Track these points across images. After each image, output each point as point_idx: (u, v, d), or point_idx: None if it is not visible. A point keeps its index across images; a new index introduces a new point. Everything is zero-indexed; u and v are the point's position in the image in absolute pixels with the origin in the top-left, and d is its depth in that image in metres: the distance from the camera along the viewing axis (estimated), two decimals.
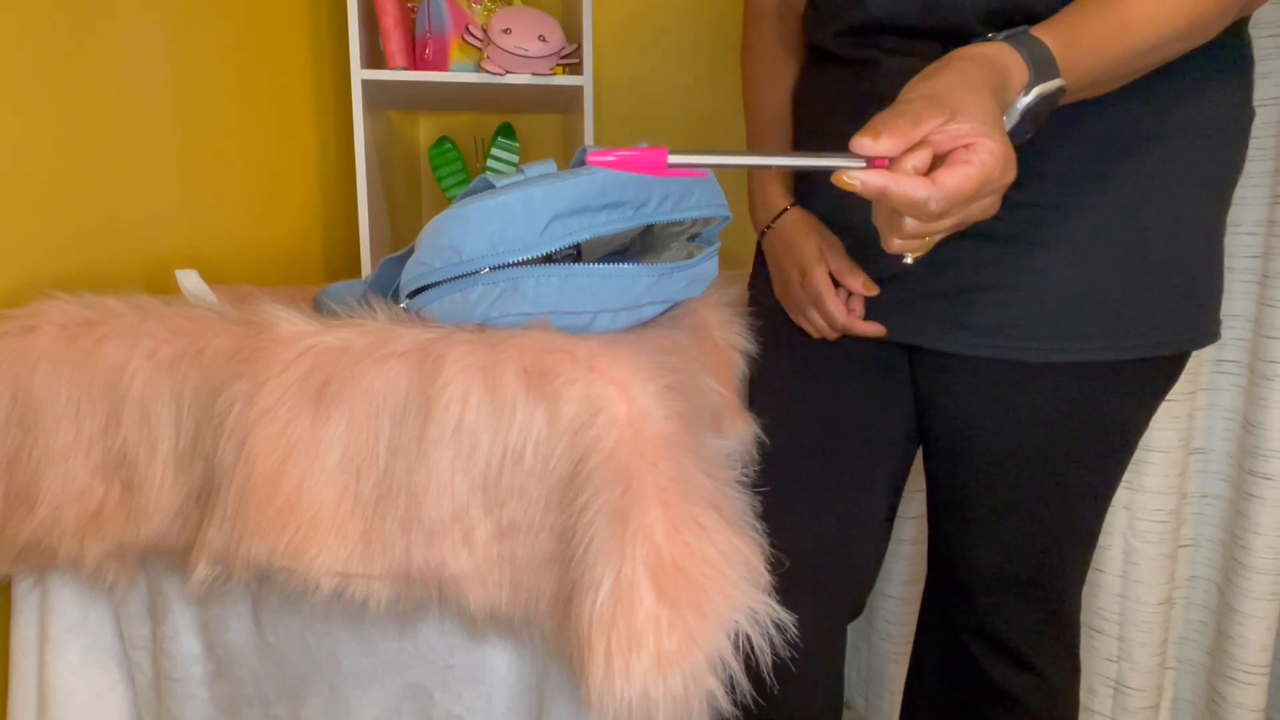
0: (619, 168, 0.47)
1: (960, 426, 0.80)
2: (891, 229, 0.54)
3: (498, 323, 0.63)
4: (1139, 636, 1.22)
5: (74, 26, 0.85)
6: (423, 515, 0.58)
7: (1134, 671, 1.23)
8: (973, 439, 0.79)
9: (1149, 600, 1.21)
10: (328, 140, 1.41)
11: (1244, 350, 1.17)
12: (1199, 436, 1.21)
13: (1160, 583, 1.21)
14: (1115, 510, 1.20)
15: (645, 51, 1.70)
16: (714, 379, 0.76)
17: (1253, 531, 1.15)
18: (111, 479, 0.66)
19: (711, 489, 0.58)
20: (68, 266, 0.84)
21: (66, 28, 0.84)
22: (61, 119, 0.83)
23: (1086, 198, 0.69)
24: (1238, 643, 1.18)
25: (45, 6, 0.80)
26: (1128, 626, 1.23)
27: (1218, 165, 0.71)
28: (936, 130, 0.50)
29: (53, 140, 0.82)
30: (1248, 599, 1.16)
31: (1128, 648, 1.23)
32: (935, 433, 0.84)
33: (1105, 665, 1.26)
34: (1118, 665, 1.24)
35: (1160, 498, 1.18)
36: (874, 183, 0.49)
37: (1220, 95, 0.70)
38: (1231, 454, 1.20)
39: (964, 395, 0.78)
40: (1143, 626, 1.22)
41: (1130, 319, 0.71)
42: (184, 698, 0.72)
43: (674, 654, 0.52)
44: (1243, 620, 1.17)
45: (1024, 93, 0.56)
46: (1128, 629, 1.23)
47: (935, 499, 0.88)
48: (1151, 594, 1.21)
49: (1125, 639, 1.23)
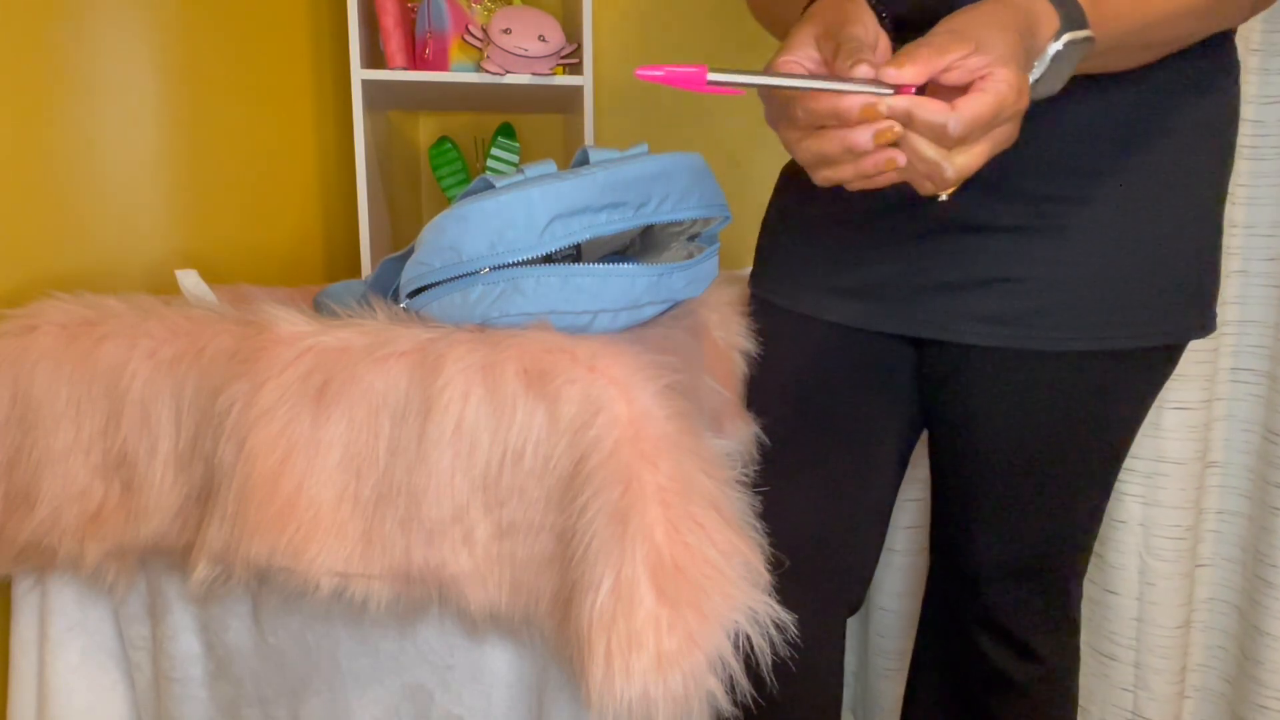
0: (663, 81, 0.51)
1: (970, 416, 0.80)
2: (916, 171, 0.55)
3: (498, 323, 0.63)
4: (1156, 663, 1.14)
5: (74, 26, 0.85)
6: (423, 515, 0.58)
7: (1151, 700, 1.15)
8: (983, 429, 0.80)
9: (1166, 624, 1.13)
10: (328, 140, 1.41)
11: (1264, 358, 1.11)
12: (1216, 449, 1.15)
13: (1178, 605, 1.14)
14: (1130, 528, 1.15)
15: (645, 51, 1.70)
16: (714, 379, 0.76)
17: (1278, 548, 1.08)
18: (111, 479, 0.66)
19: (711, 489, 0.58)
20: (68, 266, 0.84)
21: (66, 27, 0.84)
22: (61, 119, 0.83)
23: (1104, 190, 0.70)
24: (1266, 668, 1.10)
25: (45, 6, 0.80)
26: (1144, 653, 1.15)
27: (1221, 160, 0.74)
28: (956, 63, 0.53)
29: (53, 140, 0.82)
30: (1275, 620, 1.09)
31: (1144, 675, 1.15)
32: (943, 423, 0.84)
33: (1120, 695, 1.17)
34: (1134, 695, 1.17)
35: (1177, 513, 1.12)
36: (900, 106, 0.52)
37: (1221, 94, 0.72)
38: (1250, 467, 1.14)
39: (975, 385, 0.78)
40: (1159, 652, 1.14)
41: (1145, 307, 0.72)
42: (184, 698, 0.72)
43: (674, 654, 0.52)
44: (1270, 643, 1.10)
45: (1054, 39, 0.58)
46: (1144, 655, 1.15)
47: (941, 490, 0.88)
48: (1168, 617, 1.13)
49: (1141, 665, 1.16)
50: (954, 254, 0.74)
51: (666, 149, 1.77)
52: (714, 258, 0.74)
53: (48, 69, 0.81)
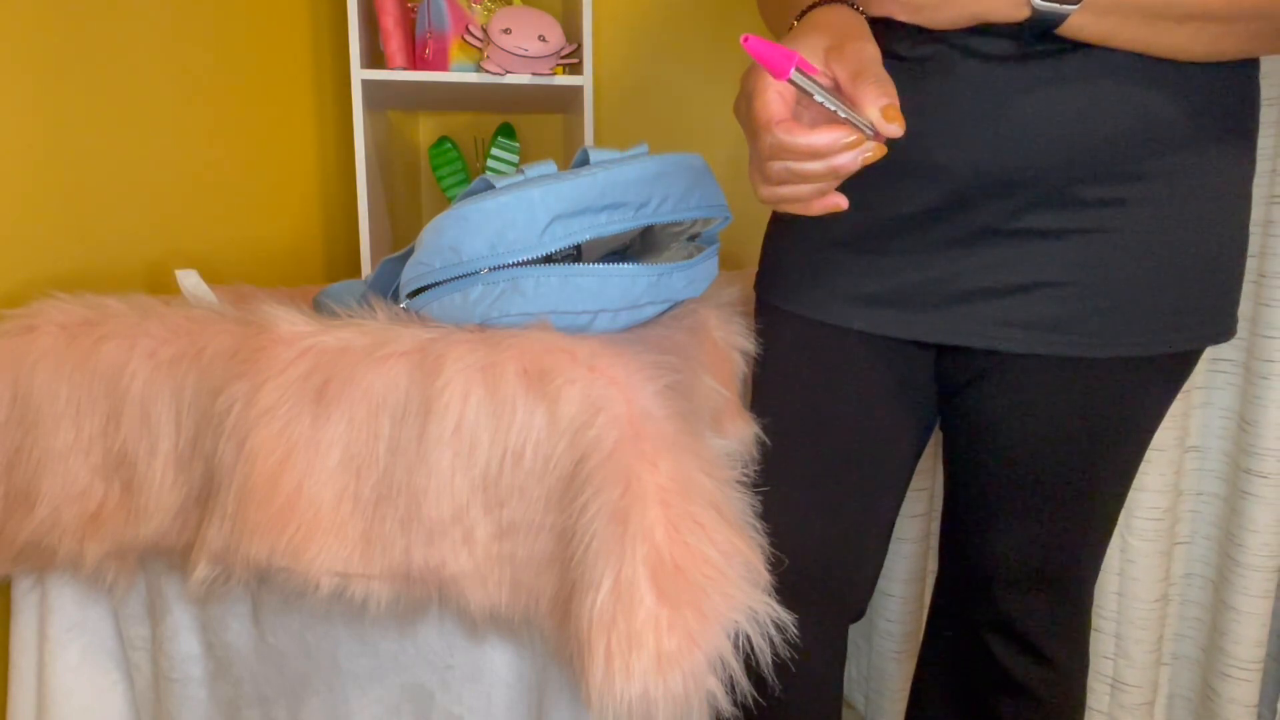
0: (754, 54, 0.53)
1: (992, 422, 0.80)
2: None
3: (498, 323, 0.63)
4: (1135, 633, 1.24)
5: (74, 27, 0.85)
6: (423, 515, 0.58)
7: (1130, 668, 1.25)
8: (1004, 435, 0.79)
9: (1145, 598, 1.23)
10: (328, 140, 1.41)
11: (1240, 349, 1.18)
12: (1195, 434, 1.23)
13: (1156, 580, 1.23)
14: None
15: (645, 51, 1.71)
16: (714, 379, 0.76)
17: (1248, 529, 1.16)
18: (111, 479, 0.66)
19: (711, 489, 0.58)
20: (68, 266, 0.84)
21: (66, 28, 0.84)
22: (62, 119, 0.83)
23: (1142, 194, 0.70)
24: (1232, 639, 1.20)
25: (45, 6, 0.80)
26: (1124, 624, 1.24)
27: (1250, 164, 0.74)
28: None
29: (53, 140, 0.82)
30: (1242, 595, 1.18)
31: (1124, 644, 1.25)
32: (962, 429, 0.83)
33: (1102, 662, 1.27)
34: (1114, 662, 1.26)
35: (1157, 495, 1.20)
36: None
37: (1252, 101, 0.72)
38: (1227, 452, 1.22)
39: (999, 391, 0.78)
40: (1139, 623, 1.23)
41: (1183, 313, 0.72)
42: (183, 698, 0.72)
43: (674, 654, 0.52)
44: (1237, 617, 1.19)
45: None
46: (1124, 626, 1.25)
47: (958, 493, 0.88)
48: (1148, 591, 1.23)
49: (1122, 636, 1.25)
50: (989, 260, 0.73)
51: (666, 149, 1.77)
52: (714, 258, 0.74)
53: (48, 70, 0.81)
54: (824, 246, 0.80)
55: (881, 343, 0.80)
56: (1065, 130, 0.67)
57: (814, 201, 0.59)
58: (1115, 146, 0.68)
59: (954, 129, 0.69)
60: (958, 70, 0.70)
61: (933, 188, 0.72)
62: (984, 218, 0.72)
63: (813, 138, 0.55)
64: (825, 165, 0.56)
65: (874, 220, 0.77)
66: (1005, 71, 0.67)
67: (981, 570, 0.86)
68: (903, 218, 0.75)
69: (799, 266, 0.83)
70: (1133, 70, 0.66)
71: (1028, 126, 0.67)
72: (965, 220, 0.72)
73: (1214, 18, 0.63)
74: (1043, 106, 0.67)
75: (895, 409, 0.83)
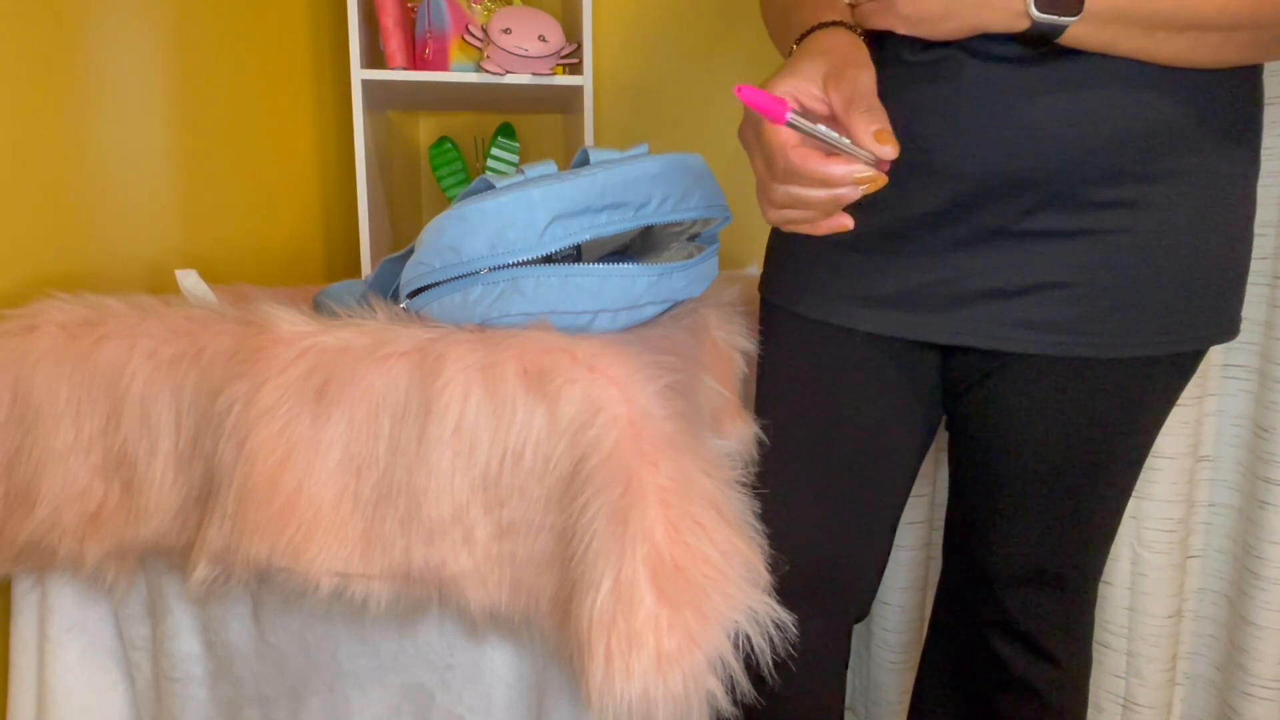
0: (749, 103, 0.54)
1: (998, 423, 0.80)
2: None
3: (498, 323, 0.63)
4: (1147, 651, 1.18)
5: (73, 26, 0.85)
6: (423, 515, 0.58)
7: (1143, 688, 1.19)
8: (1010, 435, 0.79)
9: (1158, 613, 1.17)
10: (328, 140, 1.41)
11: (1254, 354, 1.13)
12: (1207, 443, 1.18)
13: (1169, 595, 1.17)
14: (1123, 520, 1.17)
15: (645, 51, 1.71)
16: (714, 379, 0.76)
17: (1267, 540, 1.11)
18: (111, 479, 0.66)
19: (711, 489, 0.58)
20: (68, 266, 0.84)
21: (66, 27, 0.84)
22: (62, 119, 0.83)
23: (1151, 195, 0.70)
24: (1253, 656, 1.14)
25: (45, 6, 0.80)
26: (1136, 641, 1.19)
27: (1256, 165, 0.74)
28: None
29: (53, 140, 0.82)
30: (1262, 610, 1.12)
31: (1136, 663, 1.19)
32: (967, 430, 0.84)
33: (1113, 681, 1.21)
34: (1126, 681, 1.20)
35: (1168, 506, 1.15)
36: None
37: (1256, 103, 0.73)
38: (1241, 461, 1.16)
39: (1006, 392, 0.78)
40: (1151, 640, 1.18)
41: (1190, 312, 0.72)
42: (184, 698, 0.72)
43: (674, 654, 0.52)
44: (1257, 633, 1.13)
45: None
46: (1136, 643, 1.19)
47: (964, 491, 0.88)
48: (1160, 607, 1.17)
49: (1134, 654, 1.19)
50: (997, 261, 0.73)
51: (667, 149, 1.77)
52: (714, 258, 0.74)
53: (48, 70, 0.81)
54: (831, 248, 0.80)
55: (888, 344, 0.80)
56: (1074, 132, 0.67)
57: (820, 223, 0.61)
58: (1124, 148, 0.68)
59: (963, 130, 0.69)
60: (966, 72, 0.70)
61: (941, 189, 0.72)
62: (992, 219, 0.72)
63: (827, 167, 0.57)
64: (829, 194, 0.57)
65: (882, 221, 0.76)
66: (1013, 73, 0.67)
67: (985, 568, 0.86)
68: (911, 219, 0.75)
69: (805, 268, 0.83)
70: (1140, 73, 0.66)
71: (1036, 128, 0.67)
72: (974, 221, 0.72)
73: (1212, 28, 0.63)
74: (1051, 108, 0.67)
75: (901, 409, 0.83)
